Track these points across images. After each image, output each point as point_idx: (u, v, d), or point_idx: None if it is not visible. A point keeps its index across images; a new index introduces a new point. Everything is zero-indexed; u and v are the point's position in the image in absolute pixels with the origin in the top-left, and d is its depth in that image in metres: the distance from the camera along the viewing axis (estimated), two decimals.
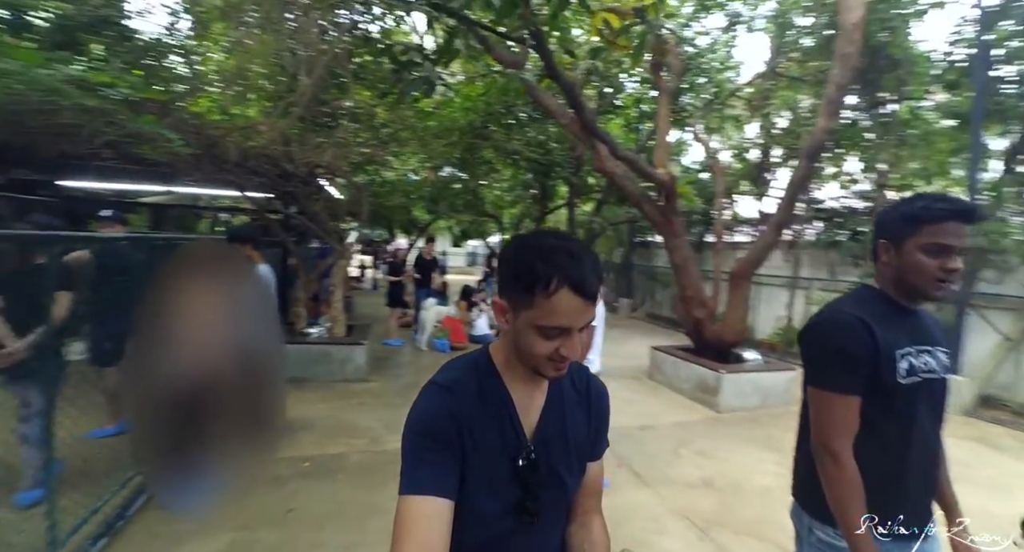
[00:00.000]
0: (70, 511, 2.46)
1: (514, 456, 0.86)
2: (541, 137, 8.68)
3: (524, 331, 0.80)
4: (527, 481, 0.87)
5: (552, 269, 0.76)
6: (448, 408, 0.83)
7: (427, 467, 0.80)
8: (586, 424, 0.97)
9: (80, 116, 3.88)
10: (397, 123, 6.62)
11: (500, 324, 0.85)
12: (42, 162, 5.43)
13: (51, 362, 2.73)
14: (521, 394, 0.89)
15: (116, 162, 5.37)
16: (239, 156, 5.03)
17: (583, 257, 0.78)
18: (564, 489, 0.93)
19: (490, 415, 0.86)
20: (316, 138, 5.54)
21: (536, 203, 12.83)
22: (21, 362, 2.68)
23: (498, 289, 0.85)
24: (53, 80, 3.46)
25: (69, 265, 3.08)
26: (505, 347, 0.89)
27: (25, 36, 4.11)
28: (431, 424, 0.82)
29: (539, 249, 0.79)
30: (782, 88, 7.32)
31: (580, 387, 0.98)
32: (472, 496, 0.83)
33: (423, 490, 0.78)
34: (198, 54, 5.20)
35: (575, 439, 0.94)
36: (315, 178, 6.26)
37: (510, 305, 0.82)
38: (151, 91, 3.93)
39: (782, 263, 8.49)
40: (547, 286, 0.76)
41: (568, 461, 0.92)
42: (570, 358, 0.81)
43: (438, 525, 0.76)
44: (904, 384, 1.18)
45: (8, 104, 3.64)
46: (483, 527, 0.86)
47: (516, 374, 0.89)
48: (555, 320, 0.77)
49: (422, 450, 0.81)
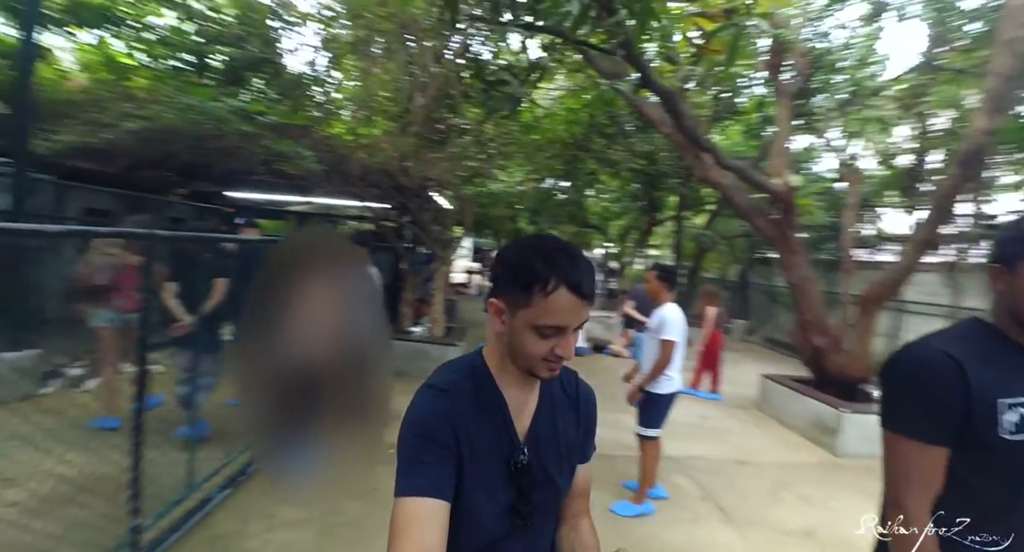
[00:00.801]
0: (205, 463, 2.96)
1: (508, 458, 0.87)
2: (647, 147, 8.41)
3: (521, 331, 0.82)
4: (520, 483, 0.87)
5: (551, 269, 0.78)
6: (445, 411, 0.84)
7: (424, 469, 0.80)
8: (576, 426, 0.98)
9: (240, 139, 4.71)
10: (504, 137, 6.92)
11: (495, 325, 0.86)
12: (215, 177, 6.68)
13: (211, 337, 3.37)
14: (514, 397, 0.90)
15: (269, 177, 6.40)
16: (361, 171, 5.67)
17: (580, 259, 0.81)
18: (556, 491, 0.93)
19: (485, 418, 0.87)
20: (430, 154, 5.99)
21: (643, 214, 12.41)
22: (188, 334, 3.33)
23: (494, 290, 0.86)
24: (221, 111, 4.26)
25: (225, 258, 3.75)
26: (499, 350, 0.90)
27: (206, 75, 5.13)
28: (429, 426, 0.83)
29: (538, 250, 0.81)
30: (941, 82, 6.20)
31: (570, 390, 1.00)
32: (468, 498, 0.84)
33: (420, 492, 0.78)
34: (333, 83, 5.98)
35: (566, 441, 0.95)
36: (426, 190, 6.80)
37: (507, 305, 0.83)
38: (293, 117, 4.66)
39: (940, 288, 7.13)
40: (546, 286, 0.78)
41: (559, 463, 0.93)
42: (565, 358, 0.82)
43: (435, 527, 0.76)
44: (1010, 441, 0.95)
45: (189, 130, 4.58)
46: (478, 529, 0.86)
47: (509, 377, 0.90)
48: (552, 319, 0.79)
49: (419, 452, 0.81)
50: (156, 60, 5.34)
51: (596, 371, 7.05)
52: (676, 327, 3.09)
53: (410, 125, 5.65)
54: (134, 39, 5.18)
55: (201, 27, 5.06)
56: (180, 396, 3.44)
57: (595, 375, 6.84)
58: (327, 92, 5.94)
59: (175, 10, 5.08)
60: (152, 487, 2.58)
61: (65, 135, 4.48)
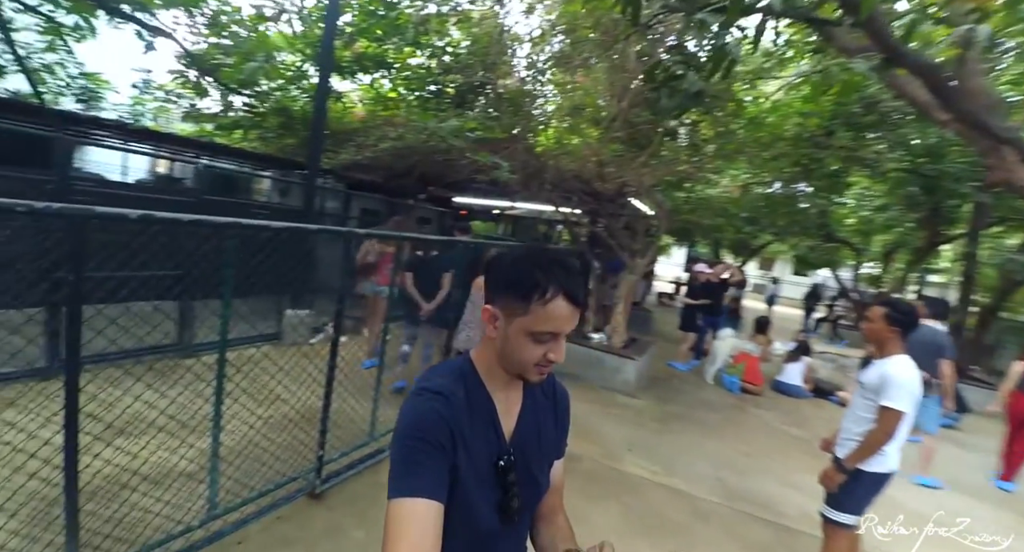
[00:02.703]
0: (386, 419, 3.57)
1: (495, 459, 0.91)
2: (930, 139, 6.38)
3: (516, 337, 0.85)
4: (506, 482, 0.91)
5: (549, 278, 0.82)
6: (442, 413, 0.86)
7: (419, 471, 0.82)
8: (554, 425, 1.04)
9: (457, 153, 5.50)
10: (723, 137, 6.23)
11: (488, 331, 0.90)
12: (446, 184, 7.95)
13: (438, 317, 4.37)
14: (501, 400, 0.95)
15: (485, 184, 7.28)
16: (556, 178, 5.93)
17: (574, 268, 0.85)
18: (537, 487, 0.99)
19: (477, 421, 0.90)
20: (634, 158, 5.83)
21: (920, 229, 9.50)
22: (421, 313, 4.38)
23: (489, 297, 0.90)
24: (444, 130, 5.04)
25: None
26: (487, 355, 0.94)
27: (442, 101, 6.15)
28: (426, 429, 0.84)
29: (535, 260, 0.85)
30: None
31: (548, 391, 1.05)
32: (461, 498, 0.86)
33: (415, 493, 0.79)
34: (542, 96, 6.39)
35: (546, 440, 1.01)
36: (623, 196, 6.68)
37: (503, 312, 0.87)
38: (494, 131, 5.21)
39: None
40: (544, 294, 0.82)
41: (540, 461, 1.00)
42: (556, 362, 0.87)
43: (430, 528, 0.78)
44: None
45: (423, 147, 5.57)
46: (470, 527, 0.89)
47: (497, 381, 0.94)
48: (549, 326, 0.83)
49: (416, 453, 0.83)
50: (411, 92, 6.66)
51: (808, 421, 5.79)
52: (906, 391, 2.26)
53: (613, 130, 5.63)
54: (397, 78, 6.57)
55: (440, 62, 6.10)
56: (402, 353, 4.51)
57: (806, 425, 5.61)
58: (537, 106, 6.38)
59: (424, 50, 6.23)
60: (342, 430, 3.27)
61: (344, 154, 6.07)
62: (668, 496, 3.52)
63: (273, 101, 6.73)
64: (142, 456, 2.59)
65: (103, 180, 5.37)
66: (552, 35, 5.67)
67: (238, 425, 2.74)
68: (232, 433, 3.00)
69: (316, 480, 2.83)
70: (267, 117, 6.99)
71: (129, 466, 2.49)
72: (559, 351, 0.86)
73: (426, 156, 5.99)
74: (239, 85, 6.30)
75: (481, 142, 5.14)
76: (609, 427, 4.65)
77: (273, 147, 7.84)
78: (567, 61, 5.60)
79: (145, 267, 3.80)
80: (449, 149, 5.53)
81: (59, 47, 5.66)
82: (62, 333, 3.33)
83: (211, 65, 5.98)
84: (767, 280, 18.40)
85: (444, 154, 5.91)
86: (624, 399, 5.55)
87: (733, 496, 3.65)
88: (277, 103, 6.74)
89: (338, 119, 6.53)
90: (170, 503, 2.32)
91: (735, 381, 6.62)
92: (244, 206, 6.09)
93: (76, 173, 4.65)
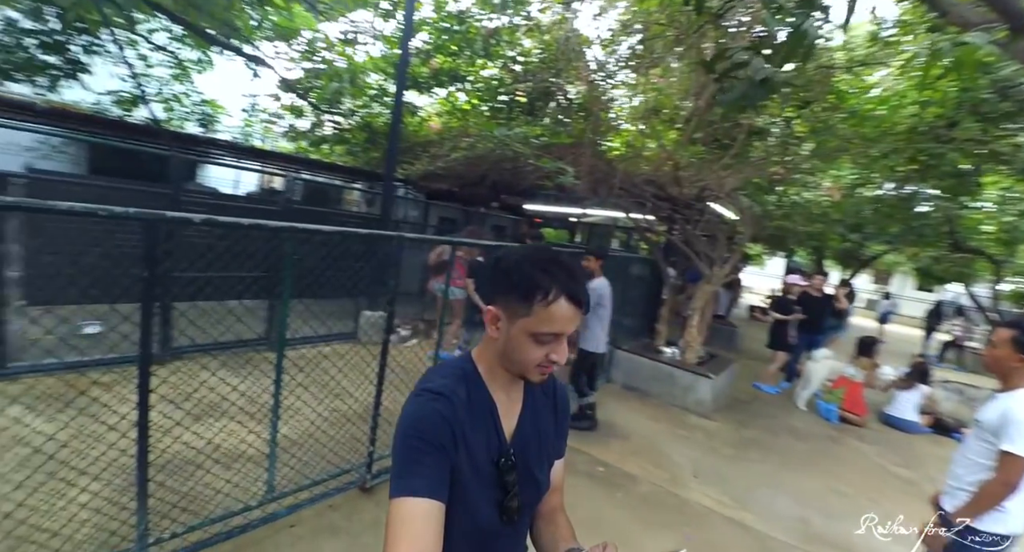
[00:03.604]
0: None
1: (496, 459, 0.91)
2: None
3: (518, 338, 0.87)
4: (507, 482, 0.92)
5: (552, 280, 0.84)
6: (444, 414, 0.86)
7: (421, 470, 0.82)
8: (554, 425, 1.05)
9: (524, 160, 5.51)
10: (821, 133, 5.61)
11: (490, 331, 0.91)
12: (516, 191, 8.00)
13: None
14: (502, 400, 0.95)
15: (554, 191, 7.22)
16: (625, 183, 5.71)
17: (576, 270, 0.87)
18: (538, 487, 0.99)
19: (478, 421, 0.91)
20: (716, 160, 5.46)
21: None
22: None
23: (490, 299, 0.90)
24: (510, 138, 5.08)
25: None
26: (488, 355, 0.95)
27: (514, 110, 6.22)
28: (428, 429, 0.84)
29: (538, 262, 0.86)
30: None
31: (548, 390, 1.05)
32: (462, 497, 0.86)
33: (417, 493, 0.79)
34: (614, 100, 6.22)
35: (546, 439, 1.01)
36: (701, 200, 6.26)
37: (505, 314, 0.88)
38: (560, 137, 5.14)
39: None
40: (547, 295, 0.83)
41: (540, 461, 1.00)
42: (559, 363, 0.88)
43: (431, 527, 0.78)
44: None
45: (493, 155, 5.66)
46: (471, 526, 0.90)
47: (498, 381, 0.95)
48: (551, 327, 0.85)
49: (417, 453, 0.83)
50: (484, 103, 6.82)
51: (921, 461, 4.98)
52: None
53: (690, 131, 5.31)
54: (471, 90, 6.77)
55: (511, 72, 6.18)
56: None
57: (918, 466, 4.82)
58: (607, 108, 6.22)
59: (496, 61, 6.36)
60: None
61: (419, 164, 6.35)
62: (734, 531, 3.17)
63: (358, 118, 7.26)
64: (215, 441, 2.85)
65: (215, 192, 6.12)
66: (623, 34, 5.49)
67: (307, 415, 2.92)
68: (294, 425, 3.23)
69: (367, 474, 2.94)
70: (353, 133, 7.56)
71: (203, 449, 2.76)
72: (561, 352, 0.87)
73: (495, 164, 6.08)
74: (327, 104, 6.87)
75: (545, 148, 5.10)
76: (675, 449, 4.33)
77: (360, 160, 8.45)
78: (639, 61, 5.39)
79: (232, 268, 4.23)
80: (516, 156, 5.56)
81: (184, 79, 6.60)
82: (159, 326, 3.78)
83: (304, 88, 6.60)
84: (880, 295, 16.24)
85: (512, 161, 5.96)
86: (696, 420, 5.14)
87: (813, 539, 3.20)
88: (362, 119, 7.26)
89: (415, 132, 6.89)
90: (233, 483, 2.53)
91: (833, 409, 5.87)
92: (326, 215, 6.61)
93: (192, 187, 5.39)
